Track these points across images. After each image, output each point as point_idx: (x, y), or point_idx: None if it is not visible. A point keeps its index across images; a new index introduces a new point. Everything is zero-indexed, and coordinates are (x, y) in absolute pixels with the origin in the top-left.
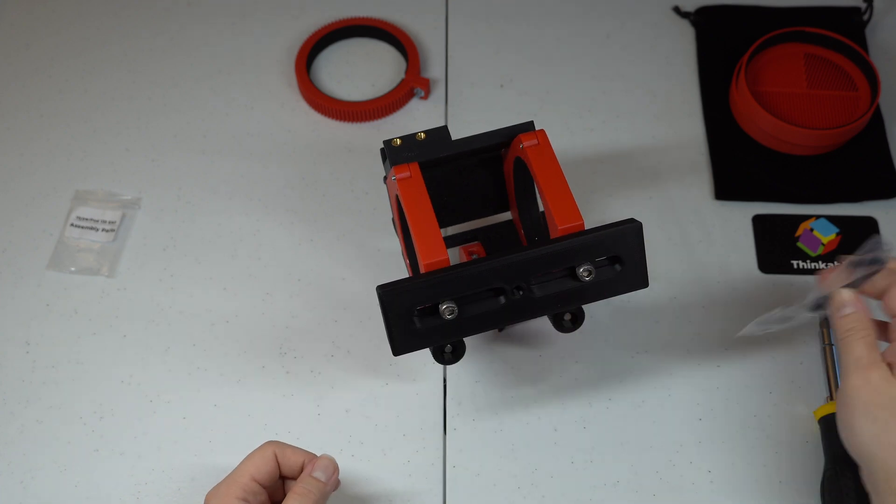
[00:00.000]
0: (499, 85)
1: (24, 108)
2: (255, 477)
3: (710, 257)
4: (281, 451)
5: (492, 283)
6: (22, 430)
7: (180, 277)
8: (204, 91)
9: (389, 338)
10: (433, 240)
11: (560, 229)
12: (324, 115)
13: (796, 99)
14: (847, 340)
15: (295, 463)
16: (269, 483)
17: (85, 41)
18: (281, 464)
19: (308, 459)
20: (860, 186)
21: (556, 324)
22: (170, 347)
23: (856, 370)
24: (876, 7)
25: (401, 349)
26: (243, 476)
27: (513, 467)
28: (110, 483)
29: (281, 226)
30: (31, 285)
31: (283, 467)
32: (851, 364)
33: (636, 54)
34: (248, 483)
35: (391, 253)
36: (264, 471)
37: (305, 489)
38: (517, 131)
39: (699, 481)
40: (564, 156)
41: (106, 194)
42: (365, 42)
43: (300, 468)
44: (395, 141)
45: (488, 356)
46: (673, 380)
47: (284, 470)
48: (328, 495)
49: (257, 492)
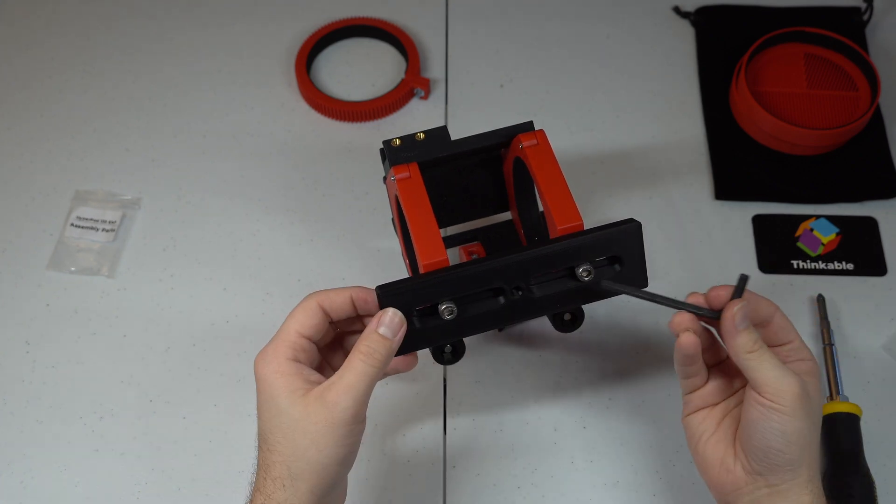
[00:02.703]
0: (499, 85)
1: (25, 108)
2: (302, 333)
3: (710, 257)
4: (324, 297)
5: (491, 283)
6: (22, 430)
7: (180, 277)
8: (204, 91)
9: None
10: (432, 240)
11: (559, 229)
12: (324, 115)
13: (796, 99)
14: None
15: (343, 303)
16: (319, 336)
17: (85, 41)
18: (328, 311)
19: (355, 294)
20: (860, 186)
21: (556, 324)
22: (170, 347)
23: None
24: (876, 7)
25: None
26: (289, 334)
27: (513, 467)
28: (110, 483)
29: (281, 226)
30: (31, 285)
31: (332, 313)
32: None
33: (636, 54)
34: (296, 340)
35: (391, 253)
36: (310, 324)
37: (370, 348)
38: (517, 131)
39: (699, 481)
40: (564, 156)
41: (106, 194)
42: (365, 42)
43: (351, 306)
44: (394, 141)
45: (488, 356)
46: (673, 380)
47: (334, 315)
48: (393, 353)
49: (307, 348)
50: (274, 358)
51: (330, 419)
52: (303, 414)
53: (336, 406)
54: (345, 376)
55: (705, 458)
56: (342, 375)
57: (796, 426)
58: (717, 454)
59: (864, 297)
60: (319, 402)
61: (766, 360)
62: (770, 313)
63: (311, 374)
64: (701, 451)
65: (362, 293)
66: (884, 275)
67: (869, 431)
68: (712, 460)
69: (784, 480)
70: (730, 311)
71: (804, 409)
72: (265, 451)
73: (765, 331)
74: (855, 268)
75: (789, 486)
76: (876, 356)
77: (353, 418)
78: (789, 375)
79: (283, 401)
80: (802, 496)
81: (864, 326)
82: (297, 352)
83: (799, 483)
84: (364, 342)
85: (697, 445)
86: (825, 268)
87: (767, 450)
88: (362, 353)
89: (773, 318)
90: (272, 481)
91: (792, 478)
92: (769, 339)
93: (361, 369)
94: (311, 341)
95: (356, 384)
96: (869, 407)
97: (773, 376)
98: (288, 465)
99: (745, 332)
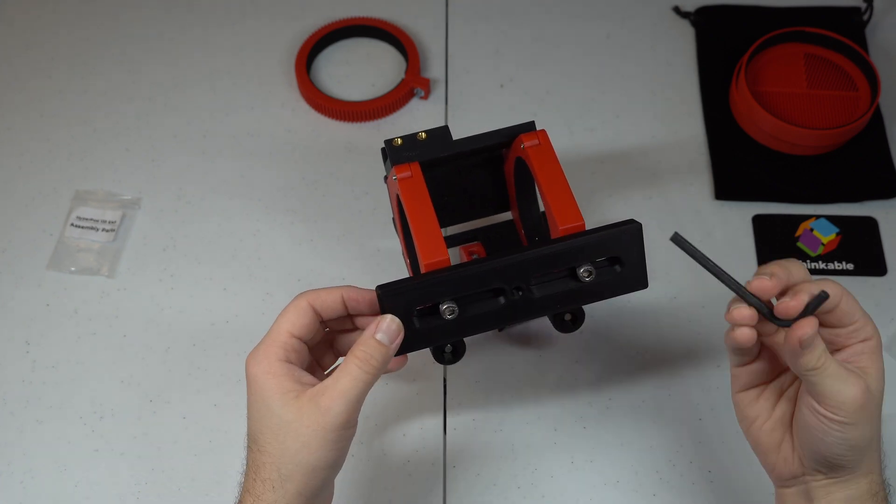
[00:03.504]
0: (499, 85)
1: (25, 108)
2: (293, 333)
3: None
4: (315, 297)
5: (491, 283)
6: (22, 430)
7: (180, 277)
8: (204, 91)
9: None
10: (434, 240)
11: (560, 229)
12: (324, 115)
13: (796, 99)
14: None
15: (334, 303)
16: (310, 336)
17: (85, 41)
18: (319, 310)
19: (346, 294)
20: (860, 186)
21: (557, 324)
22: (170, 347)
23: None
24: (876, 7)
25: (401, 349)
26: (281, 334)
27: (513, 467)
28: (110, 483)
29: (281, 226)
30: (31, 285)
31: (323, 313)
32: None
33: (636, 54)
34: (287, 341)
35: (391, 253)
36: (301, 324)
37: (366, 353)
38: (518, 131)
39: (699, 481)
40: (565, 156)
41: (106, 194)
42: (365, 42)
43: (342, 306)
44: (396, 140)
45: (488, 356)
46: (673, 380)
47: (325, 314)
48: (389, 360)
49: (298, 349)
50: (265, 358)
51: (322, 423)
52: (295, 416)
53: (329, 411)
54: (340, 381)
55: (760, 443)
56: (337, 379)
57: (859, 433)
58: (773, 441)
59: (864, 297)
60: (312, 405)
61: (828, 374)
62: (837, 300)
63: (303, 376)
64: (755, 434)
65: (353, 293)
66: (884, 275)
67: None
68: (768, 446)
69: (843, 475)
70: (799, 334)
71: (867, 415)
72: (255, 452)
73: (829, 316)
74: (855, 268)
75: (849, 477)
76: None
77: (346, 423)
78: (851, 385)
79: (275, 402)
80: (861, 484)
81: None
82: (288, 352)
83: (859, 474)
84: (361, 347)
85: (751, 429)
86: (825, 268)
87: (828, 454)
88: (358, 359)
89: (839, 304)
90: (261, 482)
91: (852, 472)
92: (833, 321)
93: (357, 375)
94: (302, 341)
95: (350, 389)
96: None
97: (836, 389)
98: (278, 467)
99: (809, 352)
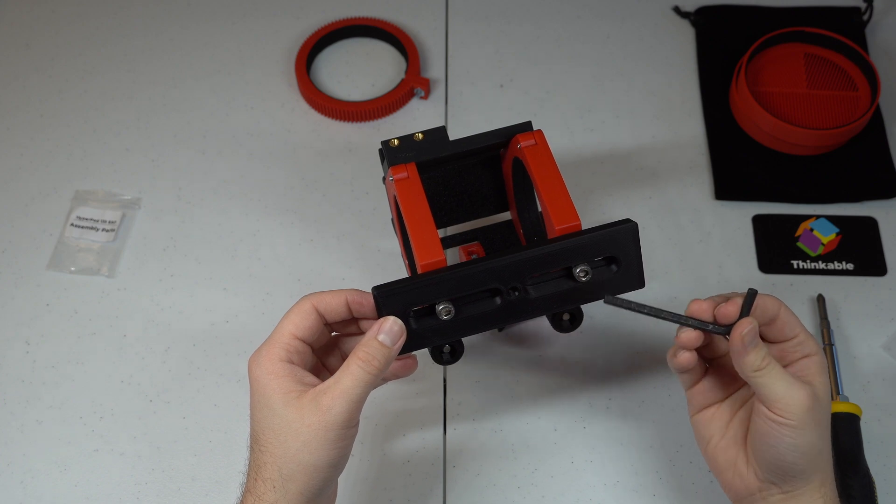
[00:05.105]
0: (499, 85)
1: (24, 108)
2: (296, 334)
3: (710, 257)
4: (319, 299)
5: (487, 283)
6: (22, 430)
7: (180, 277)
8: (204, 91)
9: None
10: (430, 240)
11: (557, 229)
12: (324, 115)
13: (796, 99)
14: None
15: (338, 305)
16: (313, 338)
17: (85, 41)
18: (323, 312)
19: (351, 297)
20: (860, 186)
21: (555, 324)
22: (170, 347)
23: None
24: (876, 7)
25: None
26: (283, 335)
27: (513, 467)
28: (110, 483)
29: (281, 226)
30: (31, 285)
31: (327, 315)
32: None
33: (636, 54)
34: (289, 342)
35: (391, 253)
36: (304, 326)
37: (368, 354)
38: (515, 131)
39: (699, 481)
40: (564, 156)
41: (106, 194)
42: (365, 42)
43: (345, 308)
44: (392, 141)
45: (488, 356)
46: (673, 380)
47: (329, 316)
48: (391, 361)
49: (301, 350)
50: (267, 359)
51: (323, 422)
52: (296, 416)
53: (330, 410)
54: (341, 381)
55: (716, 461)
56: (339, 379)
57: (808, 438)
58: (727, 459)
59: (864, 297)
60: (313, 404)
61: (774, 376)
62: (775, 311)
63: (305, 376)
64: (711, 454)
65: (357, 296)
66: (884, 275)
67: (869, 431)
68: (723, 464)
69: (797, 487)
70: (739, 332)
71: (815, 420)
72: (257, 452)
73: (770, 328)
74: (855, 268)
75: (802, 491)
76: (876, 356)
77: (347, 423)
78: (797, 388)
79: (276, 402)
80: (815, 499)
81: (864, 326)
82: (290, 353)
83: (812, 487)
84: (363, 348)
85: (707, 448)
86: (825, 268)
87: (780, 462)
88: (360, 359)
89: (778, 315)
90: (263, 482)
91: (805, 483)
92: (775, 335)
93: (358, 375)
94: (305, 343)
95: (351, 389)
96: (869, 407)
97: (783, 392)
98: (279, 467)
99: (753, 351)
